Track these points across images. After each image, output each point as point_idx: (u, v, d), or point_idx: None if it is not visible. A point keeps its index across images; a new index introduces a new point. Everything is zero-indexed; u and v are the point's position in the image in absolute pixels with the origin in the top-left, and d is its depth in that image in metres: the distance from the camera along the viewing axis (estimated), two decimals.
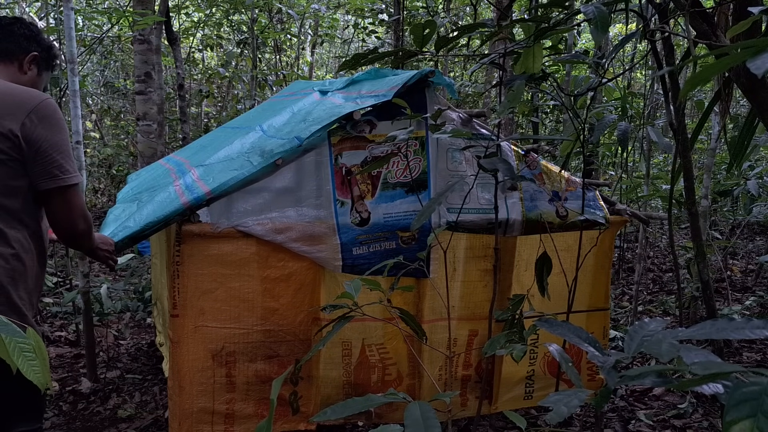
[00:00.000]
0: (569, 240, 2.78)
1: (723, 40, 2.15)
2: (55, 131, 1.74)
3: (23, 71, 1.96)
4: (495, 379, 2.91)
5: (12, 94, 1.75)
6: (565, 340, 1.05)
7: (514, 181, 1.82)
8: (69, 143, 1.81)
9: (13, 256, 1.74)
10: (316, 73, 10.81)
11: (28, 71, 1.98)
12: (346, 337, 2.67)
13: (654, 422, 3.13)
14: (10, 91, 1.76)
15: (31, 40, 1.99)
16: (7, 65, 1.94)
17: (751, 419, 0.67)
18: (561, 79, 5.21)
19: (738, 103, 7.55)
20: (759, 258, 4.33)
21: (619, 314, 4.89)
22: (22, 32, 1.97)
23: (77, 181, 1.79)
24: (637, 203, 5.68)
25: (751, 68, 0.93)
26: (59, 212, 1.78)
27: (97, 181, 9.73)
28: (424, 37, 1.67)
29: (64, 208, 1.78)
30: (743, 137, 2.73)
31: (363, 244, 2.54)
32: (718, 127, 4.27)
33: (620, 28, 8.55)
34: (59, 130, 1.76)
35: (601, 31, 1.47)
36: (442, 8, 8.28)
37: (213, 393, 2.43)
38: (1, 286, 1.70)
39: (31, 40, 1.99)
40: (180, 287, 2.33)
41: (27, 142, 1.70)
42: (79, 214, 1.80)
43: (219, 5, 8.11)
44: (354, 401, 1.15)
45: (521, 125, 7.54)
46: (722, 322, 0.86)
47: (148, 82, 5.28)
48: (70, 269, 5.29)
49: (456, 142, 2.59)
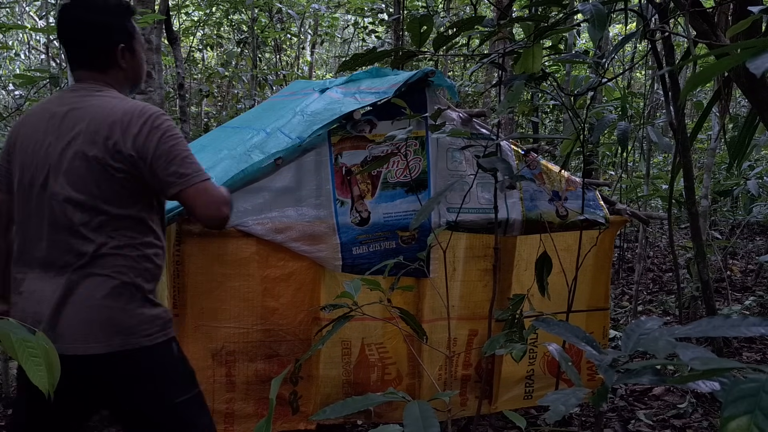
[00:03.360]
0: (569, 240, 2.78)
1: (723, 40, 2.15)
2: (164, 141, 1.67)
3: (120, 67, 1.81)
4: (495, 379, 2.91)
5: (116, 112, 1.67)
6: (564, 339, 1.05)
7: (514, 180, 1.82)
8: (183, 146, 1.71)
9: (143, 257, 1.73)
10: (316, 73, 10.82)
11: (124, 63, 1.81)
12: (346, 337, 2.67)
13: (654, 422, 3.13)
14: (116, 109, 1.68)
15: (108, 29, 1.78)
16: (102, 73, 1.78)
17: (748, 416, 0.67)
18: (561, 78, 5.21)
19: (738, 102, 7.55)
20: (759, 258, 4.34)
21: (618, 314, 4.89)
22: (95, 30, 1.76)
23: (200, 179, 1.70)
24: (637, 203, 5.68)
25: (750, 68, 0.93)
26: (197, 210, 1.72)
27: None
28: (422, 35, 1.67)
29: (198, 206, 1.71)
30: (743, 137, 2.73)
31: (363, 243, 2.54)
32: (718, 126, 4.27)
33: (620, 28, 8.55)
34: (168, 138, 1.68)
35: (599, 29, 1.47)
36: (442, 8, 8.28)
37: (213, 392, 2.43)
38: (136, 285, 1.70)
39: (107, 30, 1.78)
40: (180, 286, 2.34)
41: (141, 158, 1.66)
42: (215, 206, 1.72)
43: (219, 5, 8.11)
44: (353, 400, 1.15)
45: (521, 125, 7.54)
46: (719, 320, 0.86)
47: (148, 81, 5.28)
48: None
49: (456, 141, 2.59)
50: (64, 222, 1.67)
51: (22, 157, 1.75)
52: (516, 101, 1.85)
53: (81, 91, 1.75)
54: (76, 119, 1.68)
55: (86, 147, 1.65)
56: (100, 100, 1.72)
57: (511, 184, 2.63)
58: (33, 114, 1.79)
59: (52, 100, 1.80)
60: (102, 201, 1.67)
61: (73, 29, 1.78)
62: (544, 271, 2.26)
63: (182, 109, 6.23)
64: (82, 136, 1.66)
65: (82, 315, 1.65)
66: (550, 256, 2.29)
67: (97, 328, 1.65)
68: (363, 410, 1.14)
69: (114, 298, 1.67)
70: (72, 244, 1.67)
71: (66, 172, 1.66)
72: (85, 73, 1.79)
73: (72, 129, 1.68)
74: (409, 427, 0.93)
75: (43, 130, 1.72)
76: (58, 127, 1.70)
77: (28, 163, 1.73)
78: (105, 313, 1.66)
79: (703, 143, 7.02)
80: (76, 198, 1.66)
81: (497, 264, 2.19)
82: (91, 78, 1.78)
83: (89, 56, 1.78)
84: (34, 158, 1.72)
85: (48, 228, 1.69)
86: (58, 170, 1.67)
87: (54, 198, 1.67)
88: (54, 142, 1.69)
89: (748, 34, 2.11)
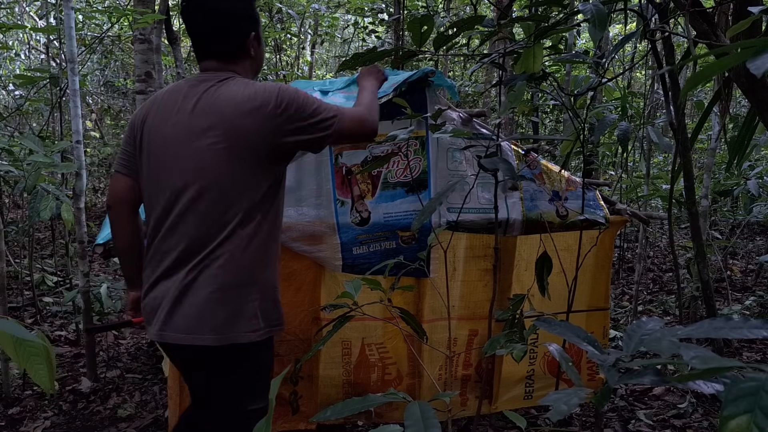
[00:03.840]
0: (569, 240, 2.78)
1: (723, 40, 2.15)
2: (295, 115, 1.69)
3: (250, 56, 1.81)
4: (495, 379, 2.91)
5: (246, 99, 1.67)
6: (565, 339, 1.06)
7: (515, 180, 1.82)
8: (307, 101, 1.73)
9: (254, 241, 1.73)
10: (316, 73, 10.81)
11: (253, 51, 1.82)
12: (346, 337, 2.67)
13: (654, 422, 3.13)
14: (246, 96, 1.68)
15: (243, 18, 1.78)
16: (233, 63, 1.78)
17: (748, 415, 0.67)
18: (561, 78, 5.21)
19: (738, 102, 7.55)
20: (759, 258, 4.33)
21: (619, 314, 4.89)
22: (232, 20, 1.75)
23: (334, 119, 1.75)
24: (637, 203, 5.68)
25: (750, 69, 0.93)
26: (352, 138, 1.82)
27: (97, 181, 9.74)
28: (422, 34, 1.67)
29: (351, 136, 1.80)
30: (743, 137, 2.73)
31: (363, 243, 2.54)
32: (718, 126, 4.27)
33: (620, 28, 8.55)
34: (297, 109, 1.70)
35: (599, 29, 1.47)
36: (442, 8, 8.28)
37: None
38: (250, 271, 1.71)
39: (243, 18, 1.78)
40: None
41: (280, 139, 1.69)
42: (360, 127, 1.80)
43: None
44: (353, 401, 1.15)
45: (521, 125, 7.54)
46: (720, 321, 0.86)
47: (149, 81, 5.28)
48: (70, 268, 5.29)
49: (456, 141, 2.59)
50: (194, 211, 1.67)
51: (149, 144, 1.75)
52: (517, 102, 1.85)
53: (210, 80, 1.73)
54: (208, 108, 1.67)
55: (219, 136, 1.65)
56: (230, 87, 1.70)
57: (513, 185, 2.64)
58: (159, 102, 1.78)
59: (179, 88, 1.77)
60: (232, 190, 1.67)
61: (209, 19, 1.75)
62: (544, 271, 2.26)
63: None
64: (214, 126, 1.65)
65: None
66: (550, 256, 2.29)
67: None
68: (363, 411, 1.14)
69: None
70: (200, 234, 1.67)
71: (198, 161, 1.66)
72: (213, 63, 1.77)
73: (204, 118, 1.66)
74: (410, 428, 0.93)
75: (173, 119, 1.71)
76: (188, 116, 1.69)
77: (157, 151, 1.73)
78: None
79: (704, 143, 7.02)
80: (205, 186, 1.66)
81: (497, 264, 2.19)
82: (220, 68, 1.77)
83: (224, 47, 1.77)
84: (163, 146, 1.71)
85: (175, 217, 1.69)
86: (190, 159, 1.67)
87: (184, 187, 1.67)
88: (184, 131, 1.68)
89: (748, 34, 2.11)
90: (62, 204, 3.42)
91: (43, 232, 7.41)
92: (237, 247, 1.68)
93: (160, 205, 1.72)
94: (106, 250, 2.31)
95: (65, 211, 3.41)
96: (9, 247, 5.89)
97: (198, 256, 1.67)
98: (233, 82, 1.71)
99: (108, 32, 7.27)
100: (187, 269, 1.67)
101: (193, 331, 1.65)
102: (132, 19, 4.55)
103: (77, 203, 3.42)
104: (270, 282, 1.77)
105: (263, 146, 1.68)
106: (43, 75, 4.08)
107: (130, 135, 1.83)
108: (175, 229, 1.69)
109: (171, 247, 1.70)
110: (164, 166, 1.71)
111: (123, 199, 1.83)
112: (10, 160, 3.59)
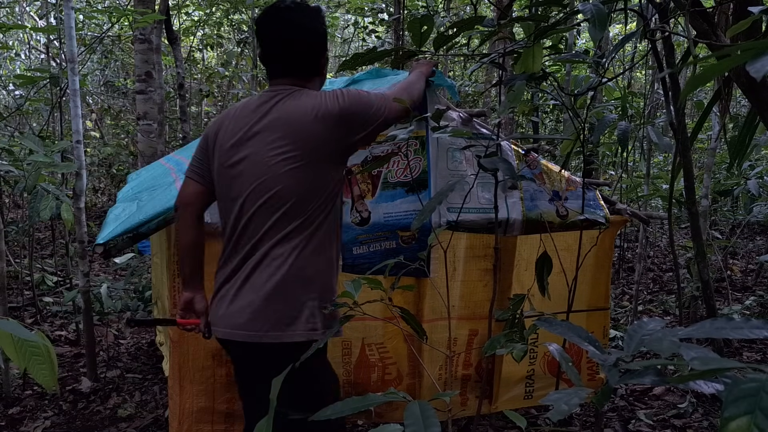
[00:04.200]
0: (569, 239, 2.78)
1: (723, 40, 2.15)
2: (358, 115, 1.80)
3: (320, 73, 1.92)
4: (495, 379, 2.91)
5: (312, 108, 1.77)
6: (565, 339, 1.06)
7: (515, 180, 1.82)
8: (363, 97, 1.83)
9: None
10: None
11: (322, 69, 1.92)
12: (346, 337, 2.67)
13: (654, 422, 3.13)
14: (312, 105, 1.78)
15: (320, 37, 1.88)
16: (305, 80, 1.87)
17: (748, 416, 0.67)
18: (561, 78, 5.21)
19: (738, 102, 7.56)
20: (759, 258, 4.33)
21: (619, 314, 4.89)
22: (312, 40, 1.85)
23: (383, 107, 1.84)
24: (637, 203, 5.69)
25: (750, 71, 0.93)
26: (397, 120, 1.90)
27: (97, 181, 9.74)
28: (422, 34, 1.67)
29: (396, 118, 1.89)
30: (743, 137, 2.72)
31: (363, 243, 2.54)
32: (718, 126, 4.27)
33: (620, 28, 8.55)
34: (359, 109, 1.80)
35: (599, 29, 1.47)
36: (442, 7, 8.28)
37: (213, 392, 2.44)
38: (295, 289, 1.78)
39: (320, 38, 1.88)
40: (180, 286, 2.33)
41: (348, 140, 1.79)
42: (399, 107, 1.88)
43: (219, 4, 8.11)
44: (353, 400, 1.16)
45: (521, 125, 7.55)
46: (721, 321, 0.86)
47: (149, 81, 5.29)
48: (70, 268, 5.29)
49: (456, 141, 2.59)
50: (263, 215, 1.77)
51: (222, 156, 1.84)
52: (517, 101, 1.85)
53: (281, 93, 1.82)
54: (278, 119, 1.77)
55: (290, 145, 1.74)
56: (297, 99, 1.80)
57: (513, 185, 2.63)
58: (232, 116, 1.88)
59: (250, 102, 1.87)
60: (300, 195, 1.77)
61: (290, 38, 1.82)
62: (544, 271, 2.26)
63: (182, 109, 6.23)
64: (285, 136, 1.75)
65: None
66: (550, 256, 2.29)
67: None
68: (363, 410, 1.14)
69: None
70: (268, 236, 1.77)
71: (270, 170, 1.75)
72: (287, 80, 1.85)
73: (275, 129, 1.76)
74: (410, 427, 0.93)
75: (245, 131, 1.80)
76: (260, 128, 1.78)
77: (230, 162, 1.82)
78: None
79: (704, 143, 7.02)
80: (276, 193, 1.75)
81: (497, 264, 2.19)
82: (293, 83, 1.84)
83: (300, 65, 1.85)
84: (236, 157, 1.80)
85: (246, 221, 1.79)
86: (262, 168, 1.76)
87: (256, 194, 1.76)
88: (256, 142, 1.78)
89: (748, 34, 2.11)
90: (62, 204, 3.42)
91: (43, 232, 7.41)
92: (299, 247, 1.77)
93: (234, 212, 1.82)
94: (106, 250, 2.31)
95: (65, 211, 3.41)
96: (9, 247, 5.89)
97: (262, 256, 1.77)
98: (299, 94, 1.81)
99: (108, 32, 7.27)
100: (250, 268, 1.77)
101: (252, 328, 1.73)
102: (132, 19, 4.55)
103: (77, 203, 3.42)
104: (329, 285, 1.85)
105: (332, 150, 1.79)
106: (43, 75, 4.08)
107: (204, 145, 1.95)
108: (245, 232, 1.80)
109: (240, 249, 1.81)
110: (238, 174, 1.80)
111: (190, 204, 1.94)
112: (11, 159, 3.59)
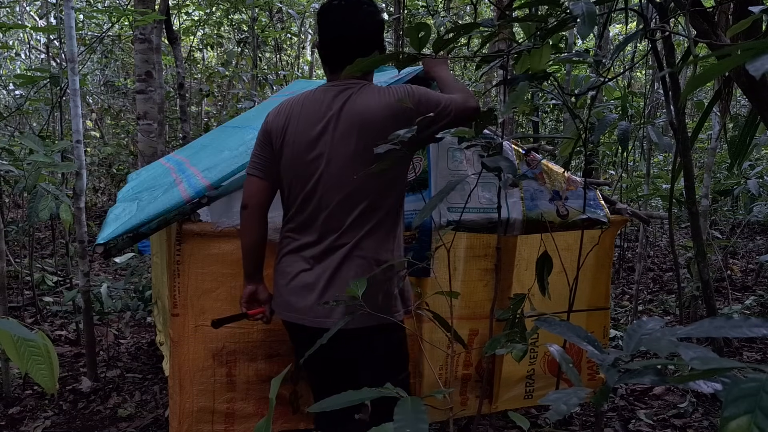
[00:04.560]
0: (570, 239, 2.78)
1: (723, 40, 2.15)
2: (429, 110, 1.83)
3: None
4: (495, 379, 2.91)
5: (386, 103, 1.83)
6: (565, 339, 1.05)
7: (517, 180, 1.83)
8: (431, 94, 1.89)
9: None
10: (317, 72, 10.81)
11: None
12: None
13: (654, 421, 3.13)
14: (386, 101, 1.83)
15: (381, 31, 1.95)
16: (367, 72, 1.90)
17: (748, 416, 0.67)
18: (561, 78, 5.21)
19: (738, 102, 7.56)
20: (759, 257, 4.33)
21: (619, 314, 4.89)
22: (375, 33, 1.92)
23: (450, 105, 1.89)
24: (637, 202, 5.69)
25: (750, 70, 0.93)
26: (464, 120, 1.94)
27: (97, 180, 9.74)
28: (420, 39, 1.68)
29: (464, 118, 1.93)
30: (744, 136, 2.72)
31: None
32: (719, 126, 4.27)
33: (621, 28, 8.55)
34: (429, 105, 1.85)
35: (589, 26, 1.49)
36: (443, 7, 8.28)
37: (213, 392, 2.44)
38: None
39: (380, 31, 1.95)
40: (180, 286, 2.33)
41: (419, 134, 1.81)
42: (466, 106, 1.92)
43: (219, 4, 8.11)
44: (349, 393, 1.17)
45: (521, 124, 7.55)
46: (720, 320, 0.86)
47: (149, 81, 5.29)
48: (70, 268, 5.29)
49: (457, 141, 2.59)
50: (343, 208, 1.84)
51: (294, 151, 1.88)
52: (520, 101, 1.85)
53: (350, 87, 1.87)
54: (352, 114, 1.82)
55: (365, 139, 1.79)
56: (368, 94, 1.85)
57: (513, 182, 2.63)
58: (299, 111, 1.92)
59: (317, 97, 1.91)
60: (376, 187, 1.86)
61: (356, 31, 1.89)
62: (544, 271, 2.26)
63: (182, 109, 6.23)
64: (360, 130, 1.80)
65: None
66: (550, 256, 2.29)
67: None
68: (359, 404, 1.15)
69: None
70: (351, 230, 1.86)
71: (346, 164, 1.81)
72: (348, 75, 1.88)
73: (350, 124, 1.81)
74: (399, 422, 0.94)
75: (318, 126, 1.85)
76: (334, 123, 1.83)
77: (304, 156, 1.86)
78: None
79: (704, 143, 7.02)
80: (354, 187, 1.82)
81: (498, 264, 2.19)
82: (354, 76, 1.88)
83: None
84: (311, 152, 1.85)
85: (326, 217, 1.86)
86: (339, 162, 1.82)
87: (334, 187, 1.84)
88: (331, 137, 1.83)
89: (749, 34, 2.10)
90: (61, 204, 3.42)
91: (43, 232, 7.41)
92: (379, 235, 1.88)
93: (311, 205, 1.89)
94: (106, 250, 2.31)
95: (63, 211, 3.41)
96: (9, 246, 5.89)
97: (348, 250, 1.85)
98: (368, 89, 1.87)
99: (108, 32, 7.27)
100: (337, 262, 1.86)
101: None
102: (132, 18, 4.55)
103: (77, 203, 3.42)
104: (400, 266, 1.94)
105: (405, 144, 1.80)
106: (43, 75, 4.09)
107: (266, 141, 1.97)
108: (326, 225, 1.88)
109: (320, 242, 1.89)
110: (315, 170, 1.86)
111: (258, 201, 1.98)
112: (10, 159, 3.59)
